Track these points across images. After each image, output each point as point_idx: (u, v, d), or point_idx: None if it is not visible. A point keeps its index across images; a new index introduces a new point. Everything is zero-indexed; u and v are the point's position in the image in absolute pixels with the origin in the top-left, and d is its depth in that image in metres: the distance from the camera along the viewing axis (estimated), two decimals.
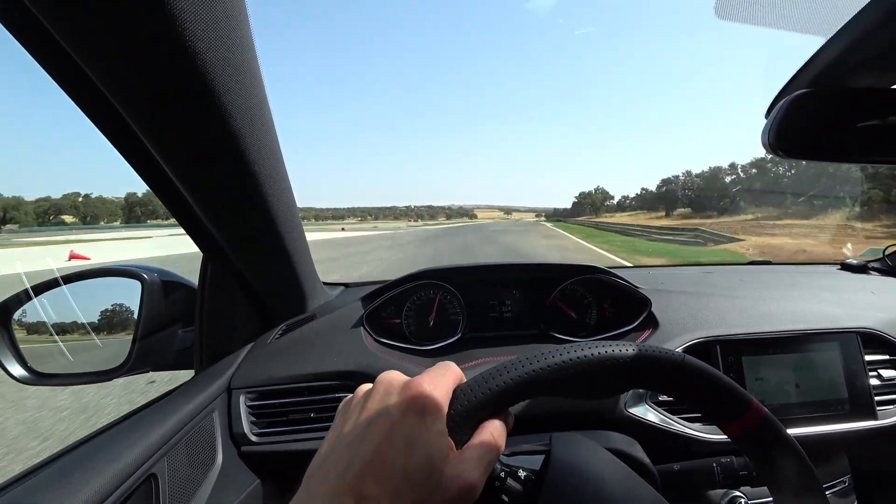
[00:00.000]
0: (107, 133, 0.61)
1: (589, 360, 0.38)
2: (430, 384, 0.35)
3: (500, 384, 0.37)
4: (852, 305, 1.00)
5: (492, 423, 0.37)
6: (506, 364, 0.38)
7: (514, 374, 0.37)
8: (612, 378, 0.40)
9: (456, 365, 0.40)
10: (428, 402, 0.34)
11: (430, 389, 0.35)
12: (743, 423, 0.40)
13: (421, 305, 1.07)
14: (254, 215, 0.73)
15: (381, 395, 0.36)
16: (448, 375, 0.38)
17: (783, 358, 0.89)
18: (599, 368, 0.39)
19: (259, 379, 0.83)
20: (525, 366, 0.38)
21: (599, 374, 0.39)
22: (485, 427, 0.37)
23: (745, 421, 0.40)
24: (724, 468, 0.75)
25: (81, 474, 0.51)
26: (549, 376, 0.38)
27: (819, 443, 0.84)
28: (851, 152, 0.59)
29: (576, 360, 0.38)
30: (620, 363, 0.39)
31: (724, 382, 0.40)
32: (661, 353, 0.39)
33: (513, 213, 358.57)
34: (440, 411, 0.34)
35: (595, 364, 0.38)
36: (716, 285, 1.12)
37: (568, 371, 0.38)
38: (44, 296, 0.83)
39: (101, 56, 0.45)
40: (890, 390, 0.90)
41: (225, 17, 0.49)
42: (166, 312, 0.87)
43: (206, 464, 0.71)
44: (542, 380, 0.38)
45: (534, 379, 0.37)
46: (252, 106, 0.59)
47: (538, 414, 0.79)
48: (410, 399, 0.34)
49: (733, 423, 0.41)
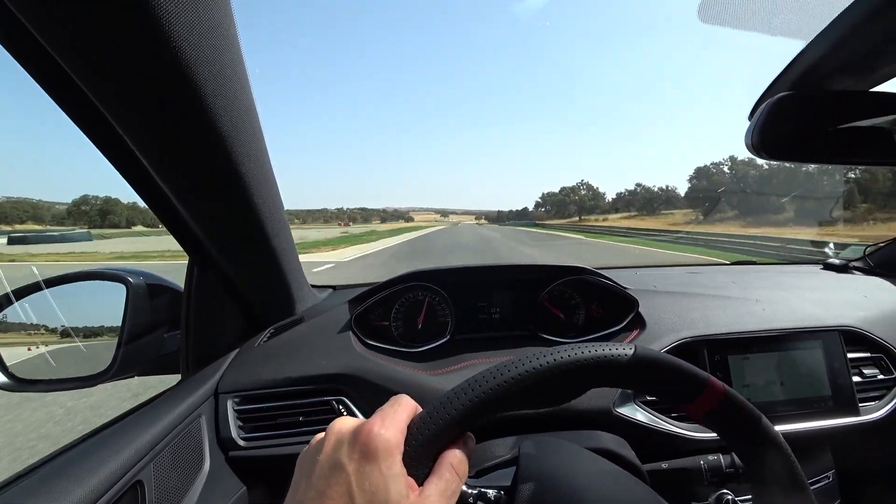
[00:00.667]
0: (90, 134, 0.60)
1: (539, 370, 0.38)
2: (380, 426, 0.34)
3: (453, 411, 0.36)
4: (835, 304, 1.02)
5: (450, 452, 0.36)
6: (457, 389, 0.38)
7: (466, 399, 0.37)
8: (568, 383, 0.40)
9: (409, 397, 0.41)
10: (381, 446, 0.33)
11: (381, 432, 0.34)
12: (705, 401, 0.41)
13: (409, 307, 1.06)
14: (240, 217, 0.72)
15: (332, 446, 0.35)
16: (400, 411, 0.38)
17: (768, 356, 0.90)
18: (552, 376, 0.39)
19: (247, 383, 0.82)
20: (475, 388, 0.37)
21: (554, 382, 0.39)
22: (444, 458, 0.36)
23: (707, 399, 0.41)
24: (711, 466, 0.76)
25: (65, 482, 0.50)
26: (503, 394, 0.37)
27: (804, 439, 0.85)
28: (831, 153, 0.61)
29: (526, 373, 0.38)
30: (573, 367, 0.39)
31: (678, 365, 0.41)
32: (613, 350, 0.40)
33: (450, 216, 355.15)
34: (395, 453, 0.34)
35: (547, 373, 0.38)
36: (702, 285, 1.13)
37: (521, 385, 0.38)
38: (25, 300, 0.81)
39: (84, 57, 0.45)
40: (871, 387, 0.92)
41: (210, 18, 0.48)
42: (152, 316, 0.86)
43: (193, 469, 0.70)
44: (497, 398, 0.37)
45: (486, 400, 0.37)
46: (238, 108, 0.59)
47: (528, 417, 0.79)
48: (363, 447, 0.33)
49: (696, 402, 0.41)
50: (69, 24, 0.41)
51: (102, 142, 0.61)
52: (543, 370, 0.38)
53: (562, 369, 0.39)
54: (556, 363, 0.39)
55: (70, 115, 0.57)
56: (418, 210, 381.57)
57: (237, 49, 0.57)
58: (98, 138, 0.61)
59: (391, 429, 0.35)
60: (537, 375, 0.38)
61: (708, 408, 0.41)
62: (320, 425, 0.80)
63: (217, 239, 0.76)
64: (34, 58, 0.50)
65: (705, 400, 0.41)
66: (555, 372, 0.38)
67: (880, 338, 0.96)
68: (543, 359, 0.39)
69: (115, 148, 0.62)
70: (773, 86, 0.59)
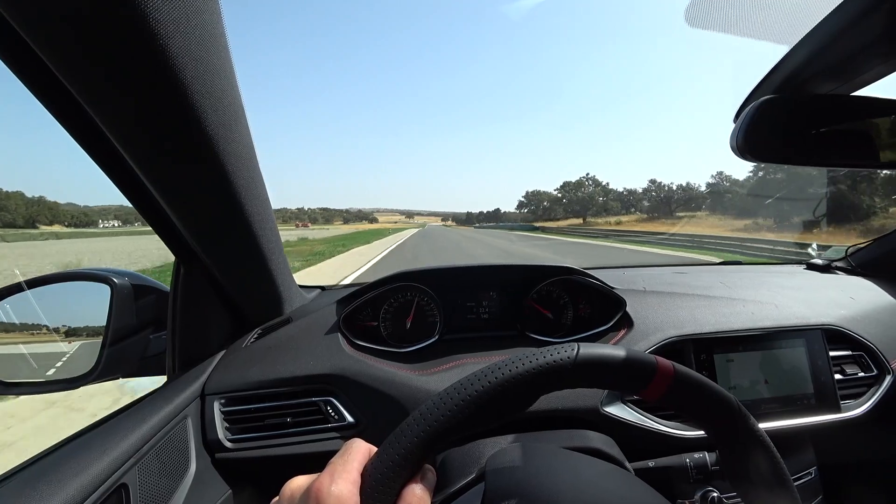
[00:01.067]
0: (73, 132, 0.59)
1: (488, 389, 0.38)
2: (330, 481, 0.33)
3: (402, 450, 0.36)
4: (817, 303, 1.04)
5: (409, 491, 0.36)
6: (405, 424, 0.38)
7: (417, 433, 0.36)
8: (519, 395, 0.40)
9: (360, 441, 0.40)
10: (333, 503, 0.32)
11: (333, 489, 0.33)
12: (658, 384, 0.41)
13: (398, 308, 1.06)
14: (228, 217, 0.71)
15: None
16: (351, 459, 0.37)
17: (753, 355, 0.92)
18: (500, 393, 0.38)
19: (234, 384, 0.81)
20: (426, 418, 0.37)
21: (504, 398, 0.39)
22: (403, 498, 0.35)
23: (659, 382, 0.41)
24: (697, 464, 0.77)
25: (46, 486, 0.49)
26: (454, 421, 0.37)
27: (787, 436, 0.87)
28: (814, 156, 0.62)
29: (476, 393, 0.38)
30: (520, 381, 0.39)
31: (624, 356, 0.41)
32: (556, 355, 0.40)
33: (415, 217, 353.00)
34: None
35: (495, 391, 0.38)
36: (689, 285, 1.14)
37: (470, 408, 0.37)
38: (6, 301, 0.80)
39: (68, 55, 0.44)
40: (852, 384, 0.95)
41: (197, 16, 0.48)
42: (137, 317, 0.84)
43: (178, 472, 0.69)
44: (448, 427, 0.37)
45: (438, 430, 0.37)
46: (226, 106, 0.58)
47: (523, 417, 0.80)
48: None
49: (650, 387, 0.41)
50: (54, 21, 0.40)
51: (86, 140, 0.60)
52: (491, 388, 0.38)
53: (509, 385, 0.38)
54: (503, 380, 0.38)
55: (54, 114, 0.56)
56: (383, 211, 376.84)
57: (225, 47, 0.56)
58: (82, 136, 0.60)
59: (342, 482, 0.34)
60: (486, 396, 0.38)
61: (663, 390, 0.41)
62: (308, 426, 0.80)
63: (204, 239, 0.75)
64: (17, 54, 0.49)
65: (658, 383, 0.41)
66: (502, 389, 0.38)
67: (861, 336, 0.98)
68: (486, 379, 0.38)
69: (99, 146, 0.61)
70: (757, 89, 0.60)
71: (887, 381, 0.95)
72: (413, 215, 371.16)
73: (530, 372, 0.39)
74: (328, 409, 0.81)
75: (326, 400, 0.82)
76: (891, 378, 0.95)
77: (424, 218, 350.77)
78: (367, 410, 0.81)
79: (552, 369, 0.39)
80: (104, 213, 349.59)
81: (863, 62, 0.55)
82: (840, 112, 0.61)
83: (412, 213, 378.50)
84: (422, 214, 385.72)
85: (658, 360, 0.41)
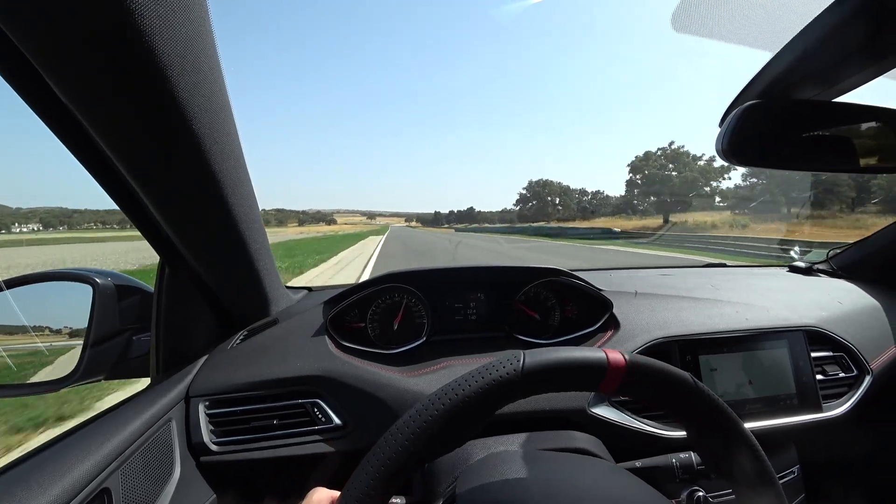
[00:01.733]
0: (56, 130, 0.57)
1: (438, 417, 0.38)
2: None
3: (363, 492, 0.36)
4: (800, 305, 1.06)
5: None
6: (363, 465, 0.37)
7: (374, 473, 0.36)
8: (474, 415, 0.39)
9: (324, 489, 0.40)
10: None
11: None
12: (612, 377, 0.41)
13: (385, 309, 1.06)
14: (215, 217, 0.71)
15: None
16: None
17: (737, 356, 0.93)
18: (453, 419, 0.38)
19: (219, 386, 0.80)
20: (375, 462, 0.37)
21: (460, 421, 0.38)
22: None
23: (613, 374, 0.41)
24: (683, 463, 0.78)
25: (26, 491, 0.48)
26: (411, 452, 0.37)
27: (770, 435, 0.88)
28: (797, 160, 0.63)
29: (431, 418, 0.38)
30: (471, 403, 0.38)
31: (570, 356, 0.41)
32: (502, 369, 0.40)
33: (377, 218, 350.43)
34: None
35: (449, 417, 0.38)
36: (675, 287, 1.16)
37: (426, 437, 0.37)
38: None
39: (53, 53, 0.43)
40: (833, 384, 0.97)
41: (184, 13, 0.47)
42: (120, 318, 0.83)
43: (162, 476, 0.68)
44: (407, 462, 0.37)
45: (395, 466, 0.36)
46: (214, 105, 0.58)
47: (502, 419, 0.80)
48: None
49: (606, 379, 0.41)
50: (38, 17, 0.40)
51: (70, 137, 0.59)
52: (442, 415, 0.38)
53: (461, 408, 0.38)
54: (453, 405, 0.38)
55: (38, 112, 0.55)
56: (344, 212, 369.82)
57: (212, 45, 0.56)
58: (65, 133, 0.59)
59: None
60: (438, 423, 0.38)
61: (618, 381, 0.41)
62: (294, 428, 0.79)
63: (190, 239, 0.74)
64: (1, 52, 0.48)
65: (612, 376, 0.41)
66: (454, 414, 0.38)
67: (842, 337, 1.00)
68: (434, 407, 0.38)
69: (83, 143, 0.60)
70: (742, 94, 0.61)
71: (867, 382, 0.97)
72: (375, 216, 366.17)
73: (481, 391, 0.39)
74: (315, 412, 0.80)
75: (313, 402, 0.81)
76: (870, 378, 0.98)
77: (387, 219, 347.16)
78: (354, 412, 0.81)
79: (501, 384, 0.39)
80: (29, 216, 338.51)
81: (843, 70, 0.56)
82: (822, 118, 0.62)
83: (374, 214, 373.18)
84: (384, 215, 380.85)
85: (608, 353, 0.41)
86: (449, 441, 0.39)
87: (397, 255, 17.53)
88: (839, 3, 0.48)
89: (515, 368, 0.39)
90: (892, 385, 1.01)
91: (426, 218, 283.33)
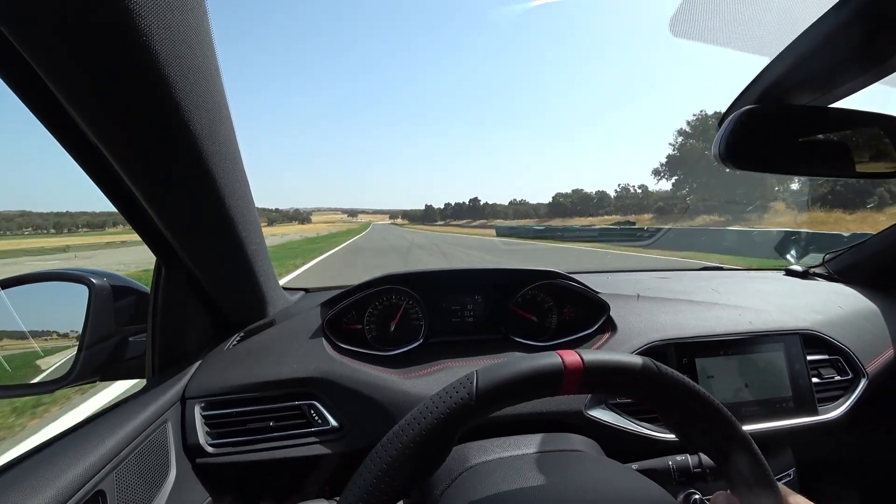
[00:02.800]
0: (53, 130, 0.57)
1: (400, 455, 0.38)
2: None
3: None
4: (796, 308, 1.07)
5: None
6: (349, 489, 0.37)
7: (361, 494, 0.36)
8: (439, 441, 0.39)
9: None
10: None
11: None
12: (570, 380, 0.41)
13: (382, 311, 1.06)
14: (211, 219, 0.70)
15: None
16: None
17: (733, 359, 0.93)
18: (417, 451, 0.38)
19: (215, 387, 0.80)
20: (358, 488, 0.37)
21: (424, 450, 0.38)
22: None
23: (571, 377, 0.41)
24: (679, 466, 0.78)
25: (19, 493, 0.47)
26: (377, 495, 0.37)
27: (766, 438, 0.89)
28: (793, 165, 0.63)
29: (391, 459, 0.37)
30: (432, 431, 0.38)
31: (525, 368, 0.41)
32: (456, 394, 0.40)
33: (359, 216, 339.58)
34: None
35: (411, 451, 0.38)
36: (672, 290, 1.16)
37: (393, 472, 0.37)
38: None
39: (50, 53, 0.43)
40: (828, 387, 0.97)
41: (183, 14, 0.47)
42: (116, 319, 0.82)
43: (158, 478, 0.68)
44: (380, 494, 0.37)
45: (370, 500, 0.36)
46: (211, 105, 0.58)
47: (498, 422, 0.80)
48: None
49: (566, 382, 0.41)
50: (36, 17, 0.39)
51: (66, 137, 0.59)
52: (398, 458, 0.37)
53: (420, 442, 0.38)
54: (407, 444, 0.38)
55: (34, 112, 0.54)
56: (324, 210, 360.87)
57: (210, 47, 0.56)
58: (62, 133, 0.58)
59: None
60: (394, 467, 0.37)
61: (577, 381, 0.41)
62: (291, 430, 0.79)
63: (187, 239, 0.74)
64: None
65: (571, 378, 0.41)
66: (415, 447, 0.38)
67: (837, 340, 1.01)
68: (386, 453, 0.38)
69: (80, 144, 0.60)
70: (739, 98, 0.61)
71: (862, 385, 0.98)
72: (357, 213, 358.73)
73: (437, 421, 0.38)
74: (312, 413, 0.80)
75: (310, 404, 0.81)
76: (866, 381, 0.98)
77: (370, 216, 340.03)
78: (350, 414, 0.81)
79: (457, 410, 0.39)
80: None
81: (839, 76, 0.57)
82: (818, 123, 0.62)
83: (356, 212, 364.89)
84: (366, 212, 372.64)
85: (563, 356, 0.41)
86: (416, 476, 0.39)
87: None
88: (836, 8, 0.48)
89: (469, 392, 0.39)
90: (888, 388, 1.02)
91: (414, 215, 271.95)
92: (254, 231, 0.81)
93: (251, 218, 0.79)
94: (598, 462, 0.61)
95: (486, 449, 0.70)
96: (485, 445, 0.71)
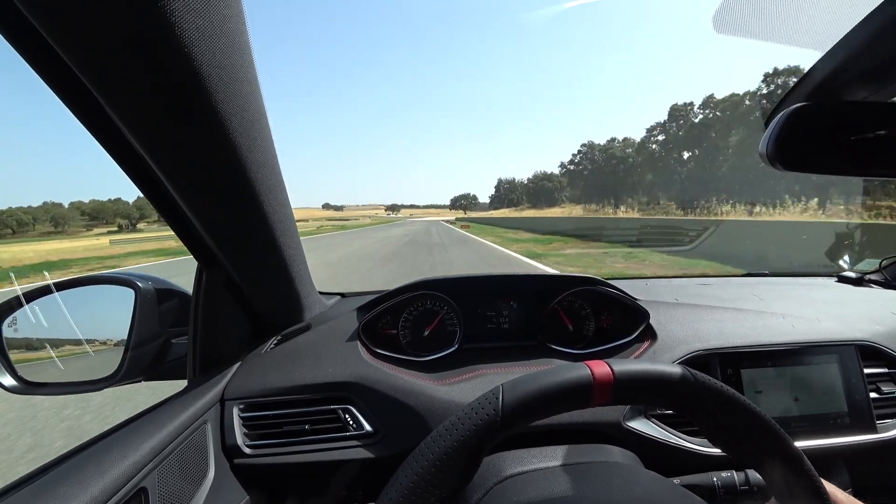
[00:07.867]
0: (101, 139, 0.60)
1: (416, 484, 0.37)
2: None
3: None
4: (851, 318, 1.00)
5: None
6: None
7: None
8: (461, 463, 0.38)
9: None
10: None
11: None
12: (600, 392, 0.40)
13: (418, 316, 1.06)
14: (251, 224, 0.72)
15: None
16: None
17: (782, 371, 0.88)
18: (444, 474, 0.37)
19: (253, 390, 0.81)
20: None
21: (452, 469, 0.37)
22: None
23: (602, 388, 0.40)
24: (725, 483, 0.74)
25: (69, 486, 0.49)
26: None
27: (819, 456, 0.83)
28: (848, 165, 0.59)
29: (415, 478, 0.37)
30: (460, 451, 0.37)
31: (553, 381, 0.39)
32: (482, 412, 0.38)
33: (401, 211, 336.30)
34: None
35: (435, 471, 0.37)
36: (715, 297, 1.11)
37: (418, 493, 0.36)
38: (35, 303, 0.82)
39: (95, 63, 0.45)
40: (889, 404, 0.90)
41: (222, 23, 0.49)
42: (160, 321, 0.86)
43: (197, 477, 0.69)
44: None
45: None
46: (250, 113, 0.59)
47: (534, 431, 0.78)
48: None
49: (594, 398, 0.40)
50: (82, 29, 0.41)
51: (113, 147, 0.62)
52: (419, 483, 0.37)
53: (438, 470, 0.37)
54: (431, 465, 0.37)
55: (82, 120, 0.57)
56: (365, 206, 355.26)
57: (249, 55, 0.57)
58: (109, 143, 0.61)
59: None
60: (417, 493, 0.37)
61: (609, 394, 0.40)
62: (326, 433, 0.80)
63: (226, 244, 0.76)
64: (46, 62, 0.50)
65: (601, 390, 0.40)
66: (433, 478, 0.37)
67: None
68: (424, 460, 0.37)
69: (125, 152, 0.62)
70: (788, 96, 0.58)
71: None
72: (398, 209, 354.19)
73: (457, 444, 0.37)
74: (346, 418, 0.81)
75: (345, 408, 0.81)
76: None
77: (422, 212, 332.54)
78: (385, 419, 0.81)
79: (482, 429, 0.38)
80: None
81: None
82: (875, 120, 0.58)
83: (398, 207, 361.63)
84: (418, 208, 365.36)
85: (593, 367, 0.40)
86: (442, 495, 0.38)
87: None
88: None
89: (496, 409, 0.38)
90: None
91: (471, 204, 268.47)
92: (291, 236, 0.83)
93: (289, 223, 0.80)
94: (639, 474, 0.58)
95: (522, 459, 0.68)
96: (520, 455, 0.70)
